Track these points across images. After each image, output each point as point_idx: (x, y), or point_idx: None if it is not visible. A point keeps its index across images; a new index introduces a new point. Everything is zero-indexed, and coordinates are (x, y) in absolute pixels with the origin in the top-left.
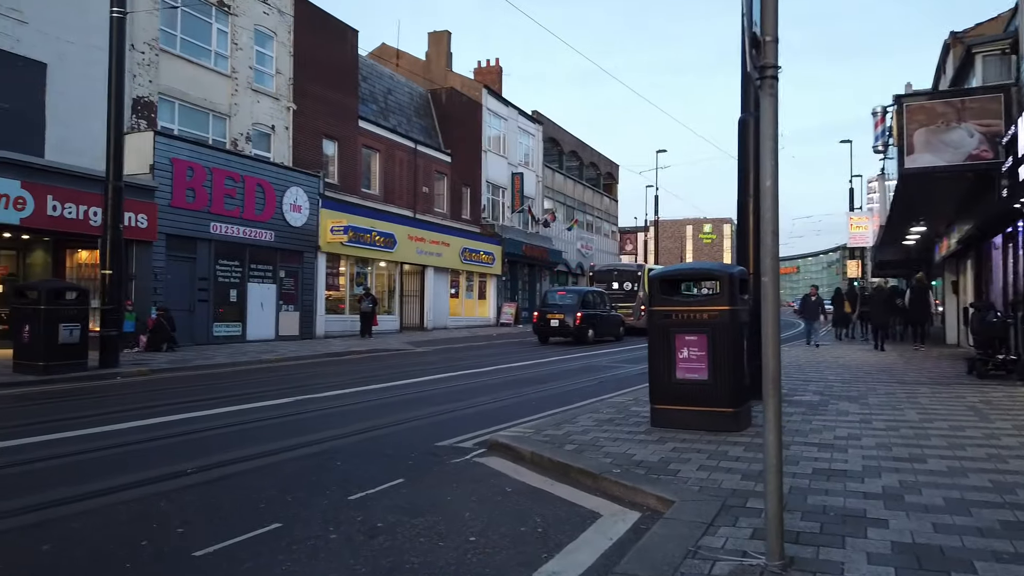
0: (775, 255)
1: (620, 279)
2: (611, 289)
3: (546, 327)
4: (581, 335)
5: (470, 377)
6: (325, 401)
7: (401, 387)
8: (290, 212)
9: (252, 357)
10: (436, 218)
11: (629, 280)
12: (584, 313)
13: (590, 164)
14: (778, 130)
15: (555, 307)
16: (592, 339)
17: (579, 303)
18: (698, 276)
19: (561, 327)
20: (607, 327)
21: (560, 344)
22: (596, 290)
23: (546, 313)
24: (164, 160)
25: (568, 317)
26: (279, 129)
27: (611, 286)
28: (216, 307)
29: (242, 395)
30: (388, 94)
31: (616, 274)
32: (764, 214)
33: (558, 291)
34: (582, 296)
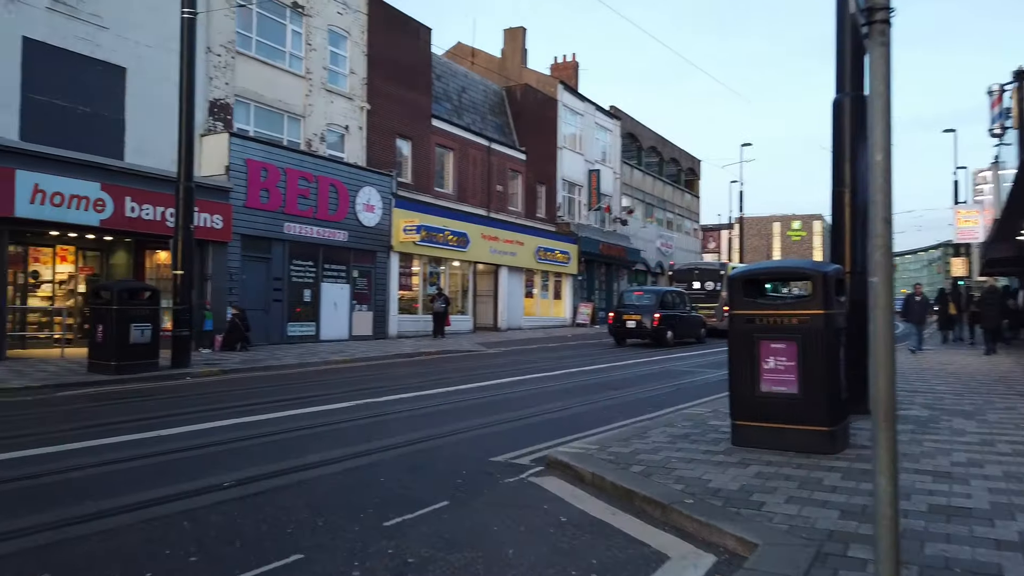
0: (887, 248)
1: (701, 278)
2: (692, 289)
3: (622, 328)
4: (659, 337)
5: (539, 381)
6: (384, 406)
7: (465, 392)
8: (363, 212)
9: (321, 358)
10: (510, 217)
11: (711, 279)
12: (662, 314)
13: (670, 160)
14: (891, 91)
15: (632, 307)
16: (671, 341)
17: (657, 303)
18: (786, 275)
19: (638, 328)
20: (687, 329)
21: (637, 346)
22: (675, 290)
23: (622, 314)
24: (239, 161)
25: (645, 318)
26: (353, 129)
27: (691, 286)
28: (291, 307)
29: (302, 399)
30: (462, 92)
31: (697, 273)
32: (874, 196)
33: (635, 291)
34: (660, 296)
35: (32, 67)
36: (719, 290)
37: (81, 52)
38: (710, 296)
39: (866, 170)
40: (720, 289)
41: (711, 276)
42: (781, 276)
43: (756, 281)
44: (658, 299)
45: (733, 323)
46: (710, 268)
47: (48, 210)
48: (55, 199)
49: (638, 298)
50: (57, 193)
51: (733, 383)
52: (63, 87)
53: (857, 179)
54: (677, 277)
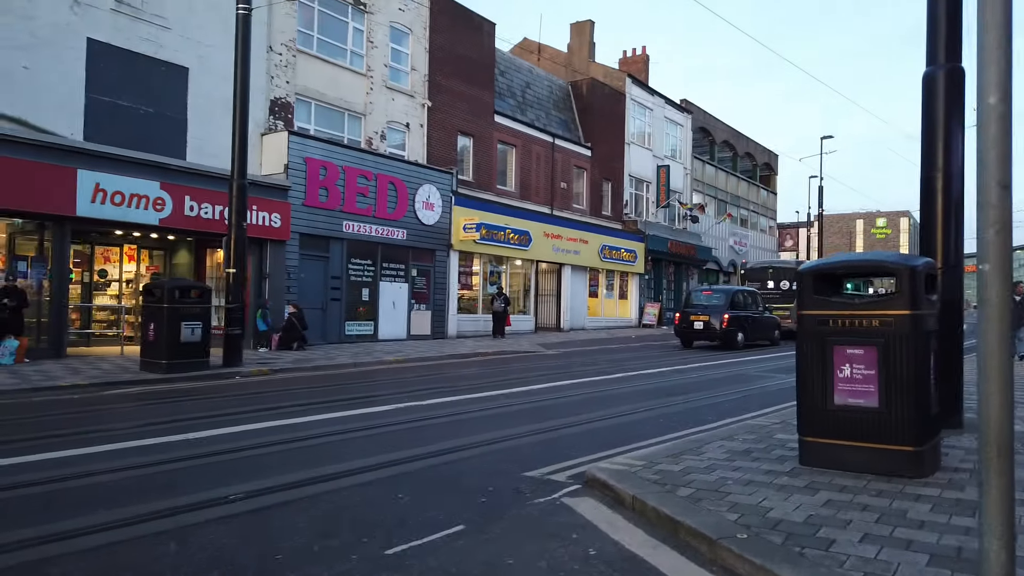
0: (1005, 224)
1: (776, 277)
2: (766, 288)
3: (689, 330)
4: (729, 339)
5: (594, 385)
6: (425, 410)
7: (514, 395)
8: (422, 210)
9: (375, 357)
10: (574, 214)
11: (787, 278)
12: (732, 315)
13: (745, 155)
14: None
15: (700, 308)
16: (741, 344)
17: (727, 303)
18: (866, 270)
19: (706, 330)
20: (760, 330)
21: (705, 349)
22: (748, 289)
23: (689, 314)
24: (298, 159)
25: (714, 319)
26: (414, 126)
27: (765, 285)
28: (349, 306)
29: (344, 400)
30: (526, 88)
31: (772, 272)
32: (985, 153)
33: (703, 290)
34: (730, 296)
35: (96, 68)
36: (795, 289)
37: (145, 52)
38: (786, 296)
39: (961, 152)
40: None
41: (787, 275)
42: (860, 271)
43: (831, 276)
44: (728, 298)
45: (803, 325)
46: (786, 266)
47: (109, 209)
48: (115, 198)
49: (707, 298)
50: (118, 192)
51: (802, 394)
52: (126, 88)
53: (951, 162)
54: (750, 276)
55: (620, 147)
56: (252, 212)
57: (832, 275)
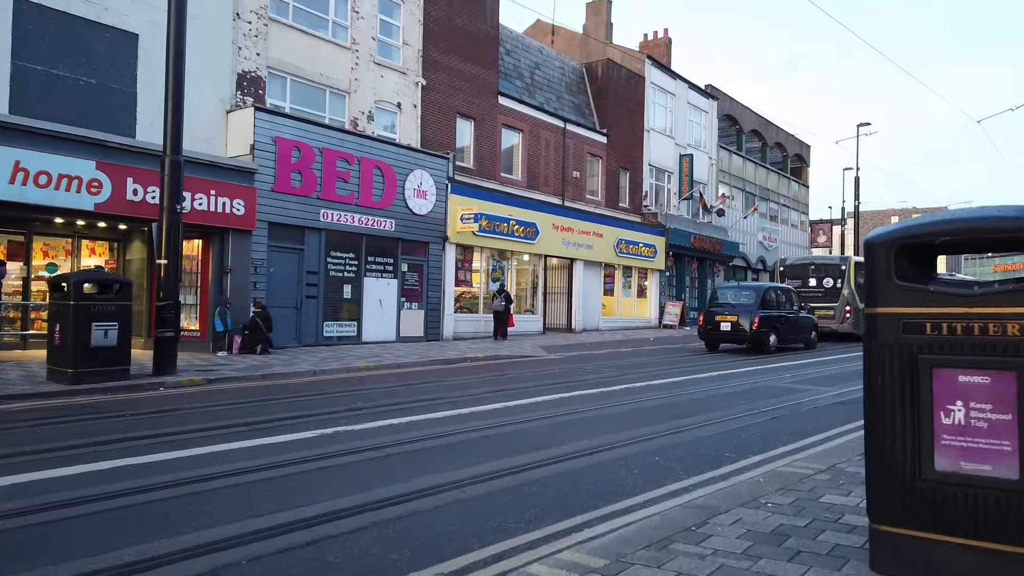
0: None
1: (818, 274)
2: (807, 286)
3: (715, 331)
4: (759, 342)
5: (588, 401)
6: (352, 440)
7: (477, 417)
8: (413, 198)
9: (344, 364)
10: (588, 206)
11: (830, 275)
12: (764, 314)
13: (775, 145)
14: None
15: (727, 307)
16: (774, 347)
17: (757, 302)
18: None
19: (734, 331)
20: (794, 332)
21: (731, 352)
22: (781, 287)
23: (715, 314)
24: (266, 139)
25: (743, 319)
26: (406, 107)
27: (807, 282)
28: (328, 304)
29: (264, 424)
30: (535, 69)
31: (813, 268)
32: None
33: (730, 287)
34: (761, 293)
35: (25, 32)
36: (839, 288)
37: (85, 16)
38: (829, 294)
39: None
40: (841, 287)
41: (831, 272)
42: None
43: (925, 249)
44: (758, 296)
45: (874, 332)
46: (829, 263)
47: (32, 191)
48: (40, 179)
49: (735, 296)
50: (43, 172)
51: (874, 451)
52: (63, 55)
53: None
54: (790, 273)
55: (639, 134)
56: (210, 198)
57: (928, 245)
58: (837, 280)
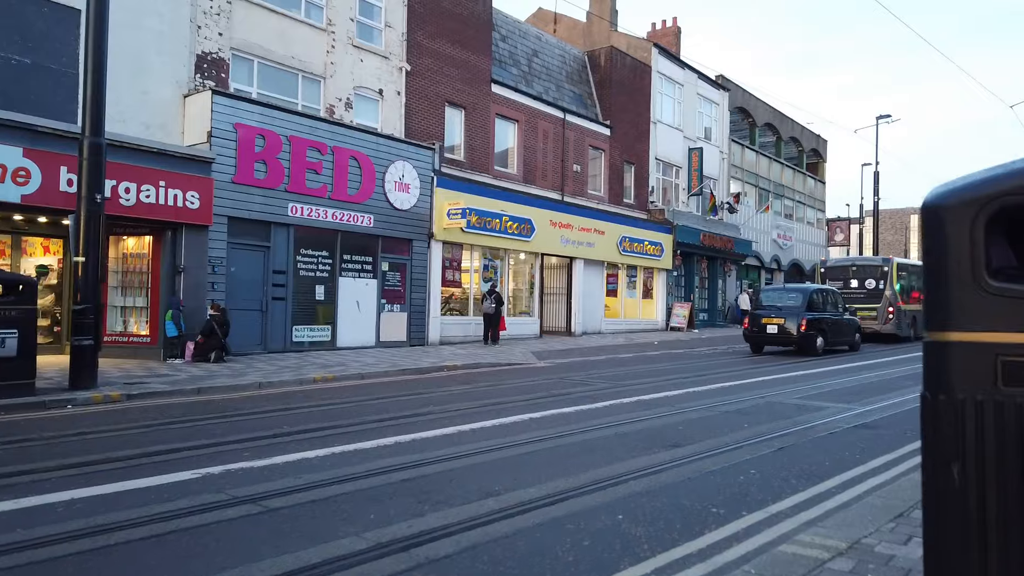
0: None
1: (860, 275)
2: (848, 287)
3: (761, 334)
4: (807, 344)
5: (559, 424)
6: (242, 483)
7: (411, 447)
8: (394, 192)
9: (299, 375)
10: (590, 202)
11: (872, 276)
12: (811, 317)
13: (790, 139)
14: None
15: (772, 309)
16: (821, 349)
17: (804, 304)
18: None
19: (781, 334)
20: (840, 334)
21: (757, 357)
22: (827, 288)
23: (760, 317)
24: (225, 126)
25: (790, 322)
26: (389, 94)
27: (848, 284)
28: (298, 307)
29: (149, 458)
30: (533, 56)
31: (854, 269)
32: None
33: (775, 290)
34: (808, 296)
35: None
36: (882, 289)
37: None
38: (871, 296)
39: None
40: (883, 288)
41: (872, 273)
42: None
43: None
44: (805, 299)
45: (945, 378)
46: (871, 264)
47: None
48: None
49: (780, 298)
50: None
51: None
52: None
53: None
54: (830, 274)
55: (645, 126)
56: (159, 189)
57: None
58: (879, 281)
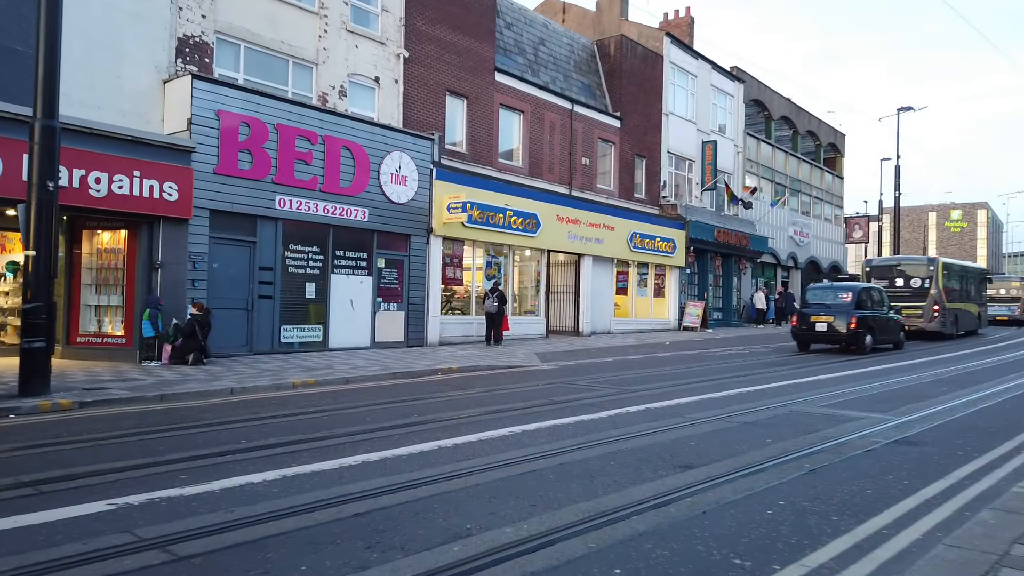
0: None
1: (905, 274)
2: (893, 286)
3: (810, 332)
4: (857, 342)
5: (553, 440)
6: (159, 516)
7: (373, 469)
8: (390, 184)
9: (276, 380)
10: (599, 196)
11: (917, 276)
12: (860, 315)
13: (807, 133)
14: None
15: (821, 307)
16: (869, 347)
17: (854, 303)
18: None
19: (830, 332)
20: (886, 332)
21: (775, 359)
22: (874, 287)
23: (809, 315)
24: (206, 113)
25: (839, 320)
26: (386, 82)
27: (894, 282)
28: (287, 306)
29: (82, 483)
30: (539, 45)
31: (900, 269)
32: None
33: (823, 288)
34: (857, 294)
35: None
36: (927, 287)
37: None
38: (916, 294)
39: None
40: (928, 287)
41: (917, 272)
42: None
43: None
44: (855, 298)
45: None
46: (917, 263)
47: None
48: None
49: (829, 296)
50: None
51: None
52: None
53: None
54: (876, 273)
55: (657, 118)
56: (133, 180)
57: None
58: (925, 280)
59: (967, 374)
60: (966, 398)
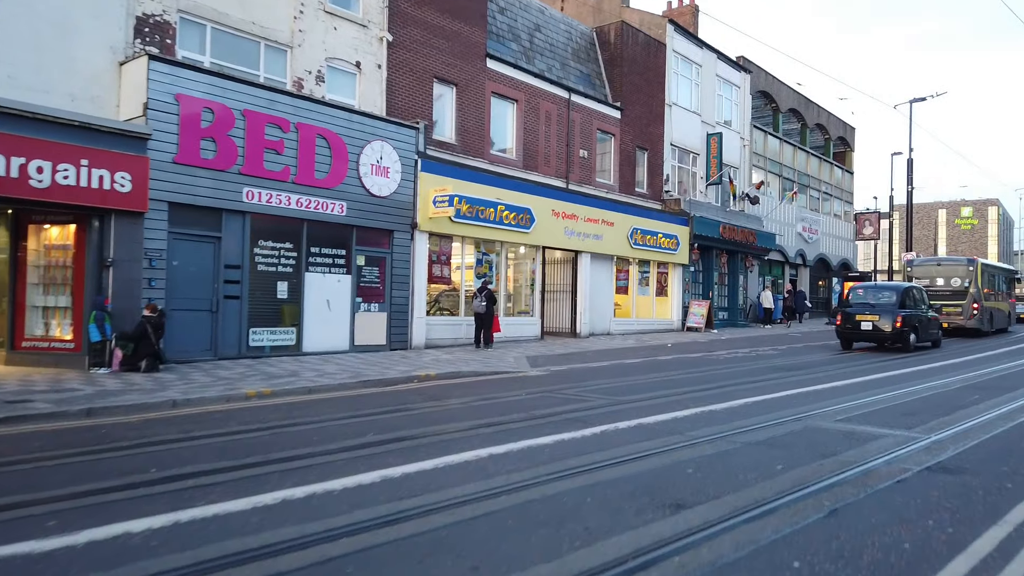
0: None
1: (946, 274)
2: (934, 285)
3: (855, 331)
4: (902, 340)
5: (524, 467)
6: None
7: (291, 509)
8: (371, 176)
9: (229, 390)
10: (598, 190)
11: (957, 276)
12: (905, 314)
13: (815, 126)
14: None
15: (866, 307)
16: (913, 345)
17: (898, 302)
18: None
19: (875, 331)
20: (927, 330)
21: (785, 363)
22: (916, 287)
23: (853, 315)
24: (165, 97)
25: (884, 319)
26: (368, 67)
27: (935, 282)
28: (256, 307)
29: None
30: (535, 31)
31: (941, 268)
32: None
33: (865, 287)
34: (901, 294)
35: None
36: (967, 287)
37: None
38: (956, 293)
39: None
40: (968, 286)
41: (957, 272)
42: None
43: None
44: (899, 297)
45: None
46: (957, 263)
47: None
48: None
49: (872, 296)
50: None
51: None
52: None
53: None
54: (917, 273)
55: (659, 109)
56: (80, 169)
57: None
58: (964, 280)
59: (999, 378)
60: (1001, 408)
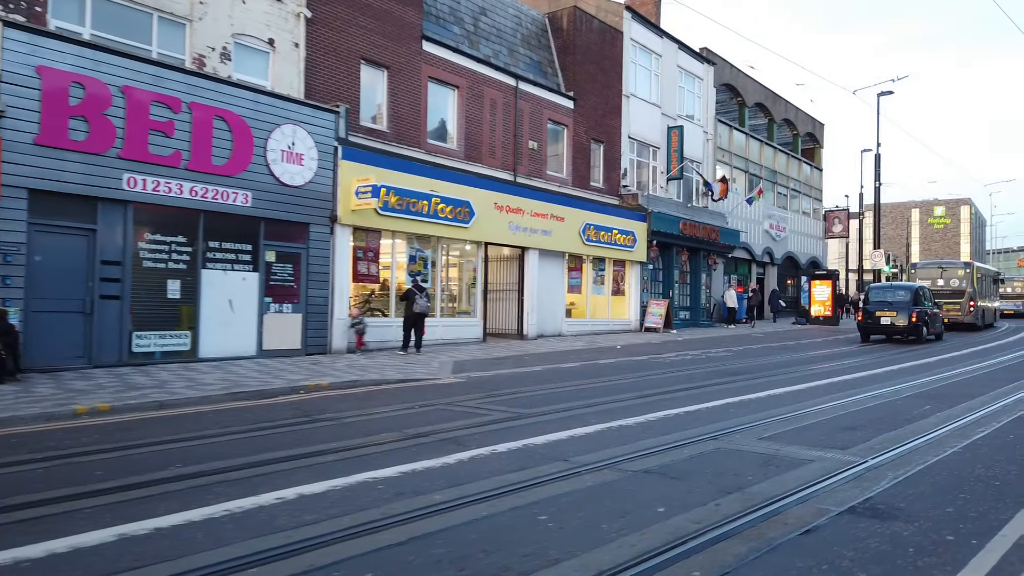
0: None
1: (946, 275)
2: (935, 285)
3: (875, 325)
4: (916, 333)
5: (355, 506)
6: None
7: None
8: (281, 163)
9: (47, 408)
10: (550, 184)
11: (955, 277)
12: (919, 310)
13: (783, 121)
14: None
15: (884, 304)
16: (926, 337)
17: (912, 300)
18: None
19: (893, 325)
20: (934, 324)
21: (729, 367)
22: (924, 287)
23: (874, 311)
24: (22, 70)
25: (901, 315)
26: (283, 46)
27: (936, 282)
28: (140, 307)
29: None
30: (480, 15)
31: (942, 270)
32: None
33: (882, 287)
34: (914, 293)
35: None
36: (964, 287)
37: None
38: (955, 292)
39: None
40: (965, 285)
41: (955, 273)
42: None
43: None
44: (912, 296)
45: None
46: (955, 265)
47: None
48: None
49: (889, 295)
50: None
51: None
52: None
53: None
54: (921, 274)
55: (616, 100)
56: None
57: None
58: (962, 280)
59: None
60: (958, 420)
